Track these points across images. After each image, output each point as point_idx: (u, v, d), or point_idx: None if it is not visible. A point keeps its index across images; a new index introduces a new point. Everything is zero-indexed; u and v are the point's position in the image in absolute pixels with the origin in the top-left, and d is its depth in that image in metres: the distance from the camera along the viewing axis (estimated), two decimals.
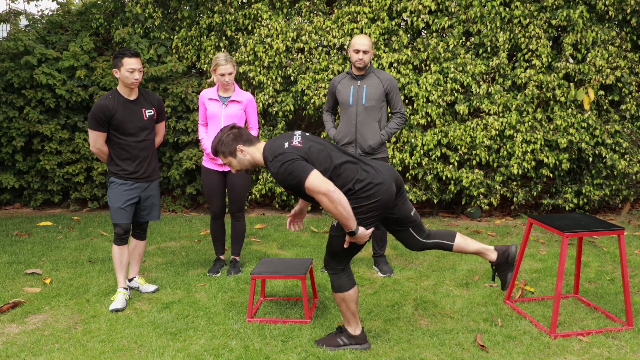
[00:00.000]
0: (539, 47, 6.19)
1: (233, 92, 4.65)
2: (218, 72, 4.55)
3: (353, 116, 4.58)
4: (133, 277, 4.47)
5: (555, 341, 3.53)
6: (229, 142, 3.35)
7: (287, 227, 3.77)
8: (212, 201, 4.76)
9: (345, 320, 3.46)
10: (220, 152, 3.39)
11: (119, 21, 7.01)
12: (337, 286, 3.39)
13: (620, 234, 3.67)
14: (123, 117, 4.09)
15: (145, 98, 4.25)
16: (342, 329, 3.50)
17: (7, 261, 5.12)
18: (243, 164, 3.39)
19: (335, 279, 3.40)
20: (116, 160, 4.17)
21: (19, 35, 6.79)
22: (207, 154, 4.67)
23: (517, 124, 6.23)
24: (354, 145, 4.59)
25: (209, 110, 4.63)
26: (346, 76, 4.68)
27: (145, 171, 4.24)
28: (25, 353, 3.42)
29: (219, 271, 4.80)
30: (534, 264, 5.01)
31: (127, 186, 4.17)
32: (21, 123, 6.81)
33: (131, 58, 4.04)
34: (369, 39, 4.54)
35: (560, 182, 6.56)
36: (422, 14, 6.32)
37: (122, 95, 4.13)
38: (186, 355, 3.38)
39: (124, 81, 4.09)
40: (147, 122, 4.22)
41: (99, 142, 4.12)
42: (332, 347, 3.44)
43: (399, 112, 4.65)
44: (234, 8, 6.75)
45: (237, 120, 4.58)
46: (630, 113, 6.41)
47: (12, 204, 7.31)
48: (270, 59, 6.49)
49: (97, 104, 4.06)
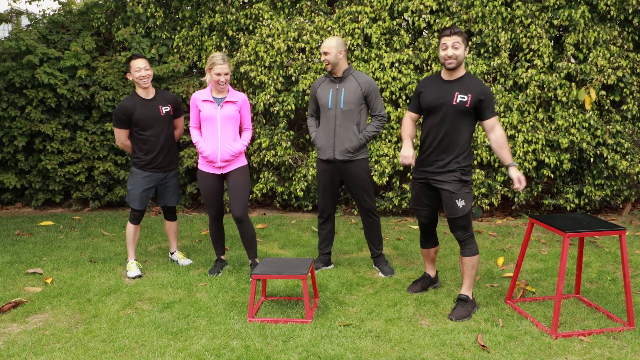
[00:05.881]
0: (540, 47, 6.19)
1: (227, 92, 4.54)
2: (214, 72, 4.41)
3: (332, 119, 4.56)
4: (174, 252, 5.15)
5: (556, 341, 3.53)
6: None
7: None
8: (210, 205, 4.68)
9: (468, 287, 3.94)
10: None
11: (120, 21, 7.02)
12: (475, 251, 3.92)
13: (621, 234, 3.67)
14: (141, 114, 4.62)
15: (162, 96, 4.77)
16: (465, 298, 3.91)
17: (8, 261, 5.12)
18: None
19: (474, 244, 3.93)
20: (137, 152, 4.72)
21: (21, 35, 6.80)
22: (203, 157, 4.57)
23: (519, 124, 6.23)
24: (332, 148, 4.58)
25: (204, 112, 4.49)
26: (325, 79, 4.65)
27: (163, 162, 4.76)
28: (27, 352, 3.42)
29: (220, 271, 4.78)
30: (535, 264, 5.01)
31: (145, 175, 4.72)
32: (23, 123, 6.82)
33: (136, 59, 4.58)
34: (331, 39, 4.48)
35: (561, 182, 6.56)
36: (423, 14, 6.32)
37: (139, 96, 4.67)
38: (187, 354, 3.38)
39: (136, 81, 4.62)
40: (164, 118, 4.72)
41: (122, 137, 4.71)
42: (464, 317, 3.81)
43: (379, 115, 4.58)
44: (235, 8, 6.75)
45: (232, 121, 4.52)
46: (632, 113, 6.40)
47: (13, 203, 7.32)
48: (272, 59, 6.50)
49: (119, 105, 4.63)
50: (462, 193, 3.86)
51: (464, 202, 3.86)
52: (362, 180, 4.61)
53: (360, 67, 6.38)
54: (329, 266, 4.92)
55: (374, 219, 4.72)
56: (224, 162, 4.53)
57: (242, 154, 4.63)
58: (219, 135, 4.49)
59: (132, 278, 4.65)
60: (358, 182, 4.61)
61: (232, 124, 4.52)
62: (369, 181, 4.66)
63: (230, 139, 4.52)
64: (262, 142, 6.57)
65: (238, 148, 4.54)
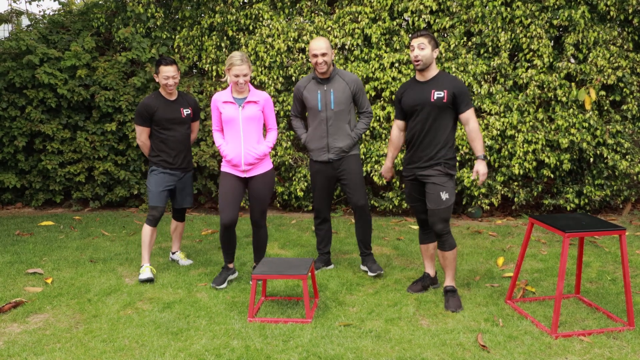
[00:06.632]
0: (540, 47, 6.19)
1: (248, 92, 4.34)
2: (232, 73, 4.22)
3: (324, 121, 4.55)
4: (175, 251, 5.15)
5: (556, 341, 3.53)
6: None
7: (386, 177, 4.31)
8: (226, 207, 4.34)
9: (452, 278, 4.11)
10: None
11: (120, 21, 7.02)
12: (453, 244, 4.08)
13: (621, 234, 3.67)
14: (164, 114, 4.68)
15: (184, 99, 4.85)
16: (452, 289, 4.09)
17: (8, 261, 5.13)
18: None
19: (451, 238, 4.08)
20: (157, 151, 4.75)
21: (21, 35, 6.80)
22: (227, 160, 4.38)
23: (519, 124, 6.23)
24: (326, 149, 4.59)
25: (225, 114, 4.30)
26: (311, 80, 4.61)
27: (182, 162, 4.81)
28: (27, 352, 3.43)
29: (225, 282, 4.49)
30: (535, 264, 5.01)
31: (166, 174, 4.75)
32: (23, 123, 6.82)
33: (166, 66, 4.62)
34: (325, 40, 4.46)
35: (561, 182, 6.56)
36: (423, 14, 6.32)
37: (163, 97, 4.74)
38: (187, 354, 3.38)
39: (162, 85, 4.67)
40: (185, 119, 4.80)
41: (143, 136, 4.75)
42: (459, 307, 3.97)
43: (367, 112, 4.65)
44: (235, 8, 6.75)
45: (255, 122, 4.33)
46: (632, 113, 6.40)
47: (13, 203, 7.32)
48: (272, 59, 6.50)
49: (142, 103, 4.68)
50: (447, 186, 4.03)
51: (448, 195, 4.02)
52: (355, 175, 4.62)
53: (360, 67, 6.38)
54: (329, 266, 4.92)
55: (366, 217, 4.72)
56: (248, 166, 4.35)
57: (268, 157, 4.46)
58: (241, 137, 4.30)
59: (142, 281, 4.53)
60: (351, 178, 4.62)
61: (255, 125, 4.34)
62: (361, 178, 4.67)
63: (254, 141, 4.33)
64: None
65: (263, 150, 4.35)
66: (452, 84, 3.98)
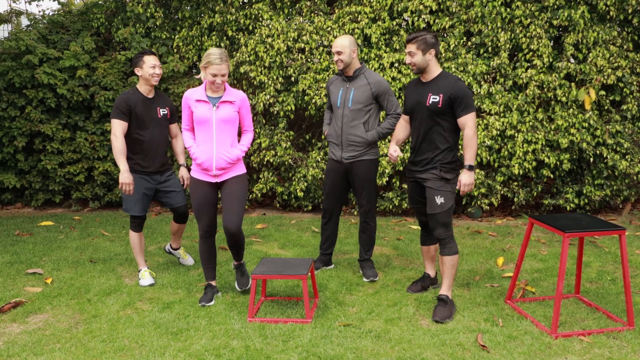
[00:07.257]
0: (540, 47, 6.19)
1: (224, 91, 4.01)
2: (209, 72, 3.88)
3: (340, 118, 4.56)
4: (177, 248, 5.04)
5: (556, 341, 3.53)
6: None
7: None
8: (202, 216, 4.09)
9: (448, 287, 3.97)
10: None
11: (119, 21, 7.02)
12: (455, 250, 3.96)
13: (621, 234, 3.67)
14: (141, 112, 4.45)
15: (161, 98, 4.63)
16: (445, 298, 3.93)
17: (8, 261, 5.12)
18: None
19: (454, 244, 3.96)
20: (131, 154, 4.49)
21: (21, 35, 6.79)
22: (197, 164, 4.07)
23: (518, 124, 6.23)
24: (340, 146, 4.59)
25: (197, 113, 3.97)
26: (338, 77, 4.65)
27: (157, 164, 4.57)
28: (27, 353, 3.42)
29: (213, 299, 4.18)
30: (535, 264, 5.01)
31: (143, 179, 4.51)
32: (23, 123, 6.82)
33: (150, 55, 4.45)
34: (344, 38, 4.44)
35: (561, 182, 6.56)
36: (423, 14, 6.32)
37: (141, 93, 4.50)
38: (187, 355, 3.38)
39: (146, 77, 4.45)
40: (161, 120, 4.57)
41: (119, 131, 4.39)
42: (447, 318, 3.81)
43: (394, 113, 4.56)
44: (235, 8, 6.75)
45: (230, 125, 4.01)
46: (632, 113, 6.41)
47: (13, 203, 7.32)
48: (271, 59, 6.50)
49: (121, 97, 4.43)
50: (442, 190, 3.93)
51: (443, 200, 3.92)
52: (365, 181, 4.60)
53: None
54: (329, 266, 4.92)
55: (370, 223, 4.70)
56: (219, 170, 4.04)
57: (241, 161, 4.14)
58: (214, 140, 3.98)
59: (141, 286, 4.51)
60: (361, 181, 4.60)
61: (230, 127, 4.02)
62: (372, 183, 4.65)
63: (227, 144, 4.02)
64: (262, 142, 6.57)
65: (236, 154, 4.04)
66: (450, 87, 3.85)
